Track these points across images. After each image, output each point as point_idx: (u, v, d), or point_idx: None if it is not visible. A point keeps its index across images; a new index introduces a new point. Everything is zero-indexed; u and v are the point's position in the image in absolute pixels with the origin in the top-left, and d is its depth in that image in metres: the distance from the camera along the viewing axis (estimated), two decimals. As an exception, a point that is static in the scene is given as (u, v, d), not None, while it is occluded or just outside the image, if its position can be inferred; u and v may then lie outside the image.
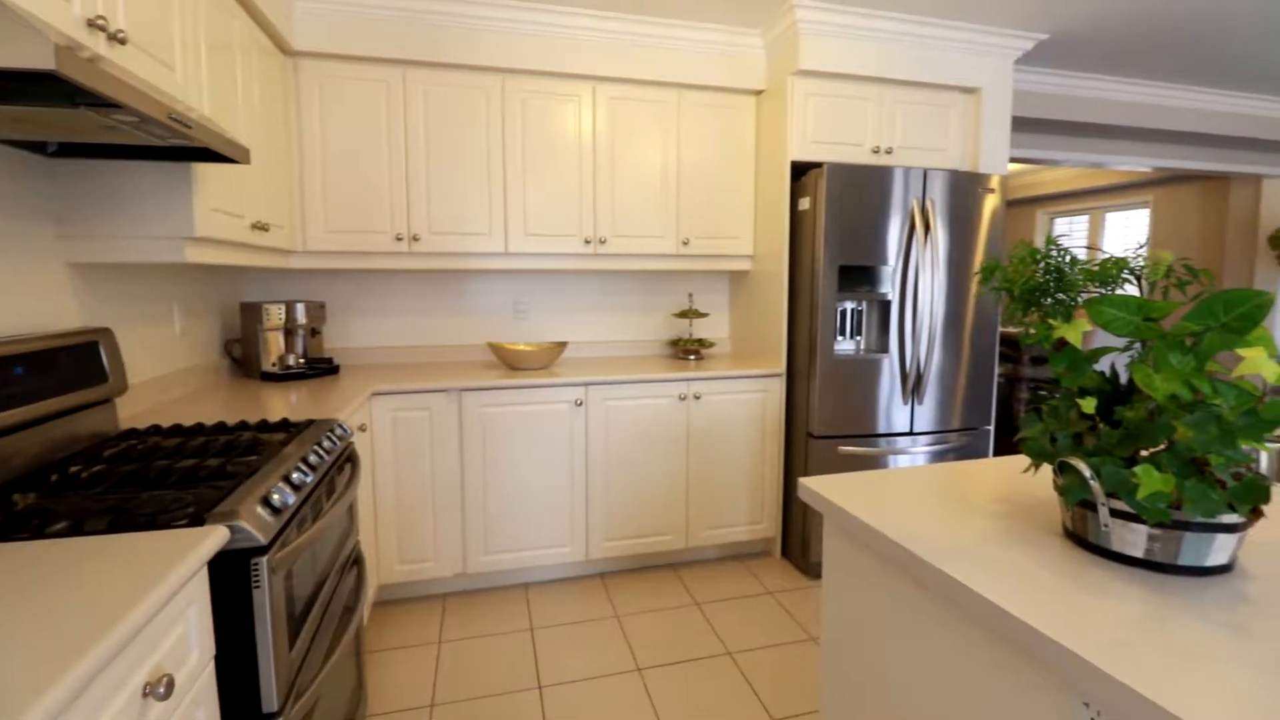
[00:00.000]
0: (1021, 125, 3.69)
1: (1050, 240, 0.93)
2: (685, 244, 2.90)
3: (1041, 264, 0.92)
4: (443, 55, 2.52)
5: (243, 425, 1.62)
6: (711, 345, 3.15)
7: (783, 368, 2.78)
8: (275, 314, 2.45)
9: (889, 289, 2.66)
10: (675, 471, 2.72)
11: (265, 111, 2.18)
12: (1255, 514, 0.78)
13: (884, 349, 2.69)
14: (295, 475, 1.25)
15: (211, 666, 0.97)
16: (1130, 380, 0.86)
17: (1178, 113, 3.82)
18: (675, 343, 3.18)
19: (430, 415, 2.42)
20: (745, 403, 2.78)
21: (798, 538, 2.78)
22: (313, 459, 1.39)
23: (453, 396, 2.43)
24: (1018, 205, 7.12)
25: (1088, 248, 0.91)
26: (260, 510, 1.07)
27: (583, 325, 3.19)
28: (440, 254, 2.66)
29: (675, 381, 2.67)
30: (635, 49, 2.71)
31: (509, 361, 2.73)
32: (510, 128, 2.65)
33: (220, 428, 1.59)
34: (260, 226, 2.03)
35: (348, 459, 1.69)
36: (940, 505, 1.09)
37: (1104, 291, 0.94)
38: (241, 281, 2.77)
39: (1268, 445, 0.76)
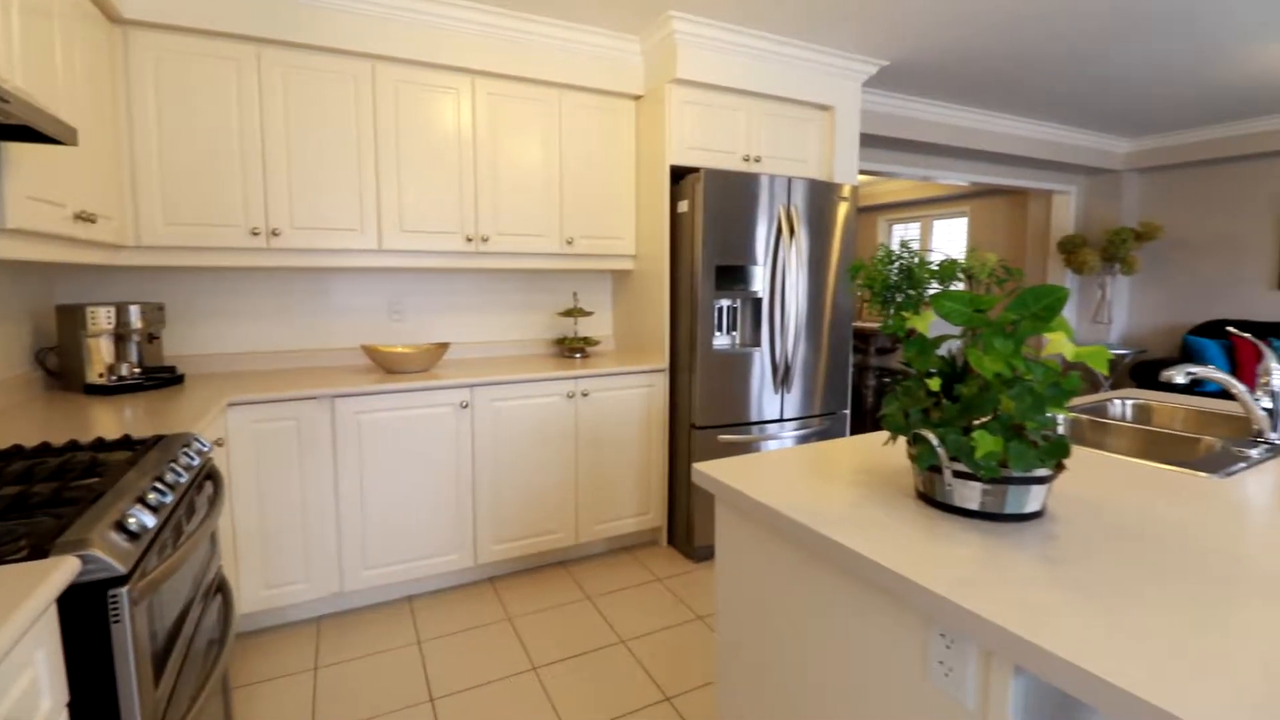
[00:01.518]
0: (868, 141, 4.11)
1: (904, 244, 1.07)
2: (569, 243, 2.92)
3: (895, 265, 1.06)
4: (303, 35, 2.35)
5: (74, 445, 1.42)
6: (597, 343, 3.20)
7: (666, 363, 2.90)
8: (102, 317, 2.15)
9: (760, 287, 2.86)
10: (565, 469, 2.74)
11: (90, 87, 1.91)
12: (1059, 467, 0.96)
13: (757, 343, 2.89)
14: (152, 496, 1.12)
15: (65, 716, 0.86)
16: (965, 362, 1.01)
17: (990, 135, 4.44)
18: (561, 341, 3.19)
19: (298, 425, 2.25)
20: (631, 398, 2.85)
21: (683, 525, 2.91)
22: (169, 477, 1.25)
23: (324, 403, 2.28)
24: (864, 212, 7.88)
25: (926, 251, 1.07)
26: (115, 536, 0.96)
27: (466, 325, 3.10)
28: (305, 250, 2.47)
29: (564, 380, 2.68)
30: (516, 45, 2.69)
31: (386, 365, 2.60)
32: (383, 118, 2.52)
33: (45, 449, 1.38)
34: (85, 217, 1.78)
35: (208, 476, 1.54)
36: (814, 479, 1.21)
37: (944, 288, 1.10)
38: (56, 281, 2.40)
39: (1069, 411, 0.94)
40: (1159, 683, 0.60)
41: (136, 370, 2.26)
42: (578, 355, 3.11)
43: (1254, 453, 1.36)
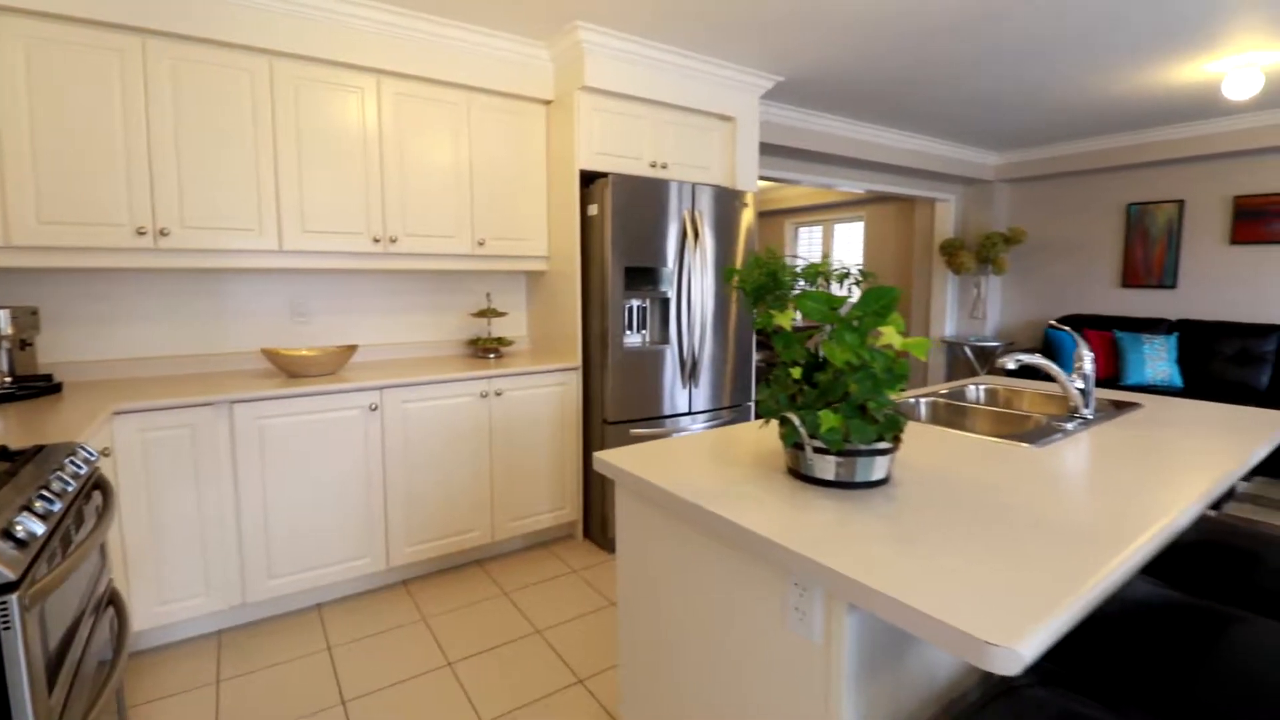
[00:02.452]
0: (770, 150, 4.36)
1: (770, 250, 1.22)
2: (481, 244, 2.95)
3: (763, 269, 1.20)
4: (193, 28, 2.26)
5: (-60, 456, 1.34)
6: (511, 343, 3.24)
7: (579, 361, 2.98)
8: (-36, 322, 2.00)
9: (668, 288, 3.00)
10: (479, 468, 2.77)
11: (-57, 72, 1.77)
12: (896, 441, 1.13)
13: (665, 341, 3.03)
14: (39, 504, 1.10)
15: (-53, 721, 0.84)
16: (822, 353, 1.17)
17: (881, 148, 4.82)
18: (474, 342, 3.21)
19: (193, 432, 2.17)
20: (546, 396, 2.92)
21: (598, 517, 3.01)
22: (56, 486, 1.22)
23: (221, 410, 2.21)
24: (770, 216, 8.28)
25: (790, 257, 1.20)
26: (2, 544, 0.94)
27: (375, 327, 3.06)
28: (197, 251, 2.38)
29: (477, 380, 2.72)
30: (424, 47, 2.69)
31: (289, 369, 2.54)
32: (283, 116, 2.47)
33: (-95, 460, 1.30)
34: (-56, 214, 1.66)
35: (95, 485, 1.49)
36: (701, 462, 1.34)
37: (808, 289, 1.26)
38: (-96, 281, 2.19)
39: (902, 393, 1.10)
40: (945, 603, 0.76)
41: (7, 380, 2.11)
42: (491, 355, 3.14)
43: (1069, 426, 1.62)
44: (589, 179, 2.96)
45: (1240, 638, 1.17)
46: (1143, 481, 1.23)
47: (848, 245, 7.65)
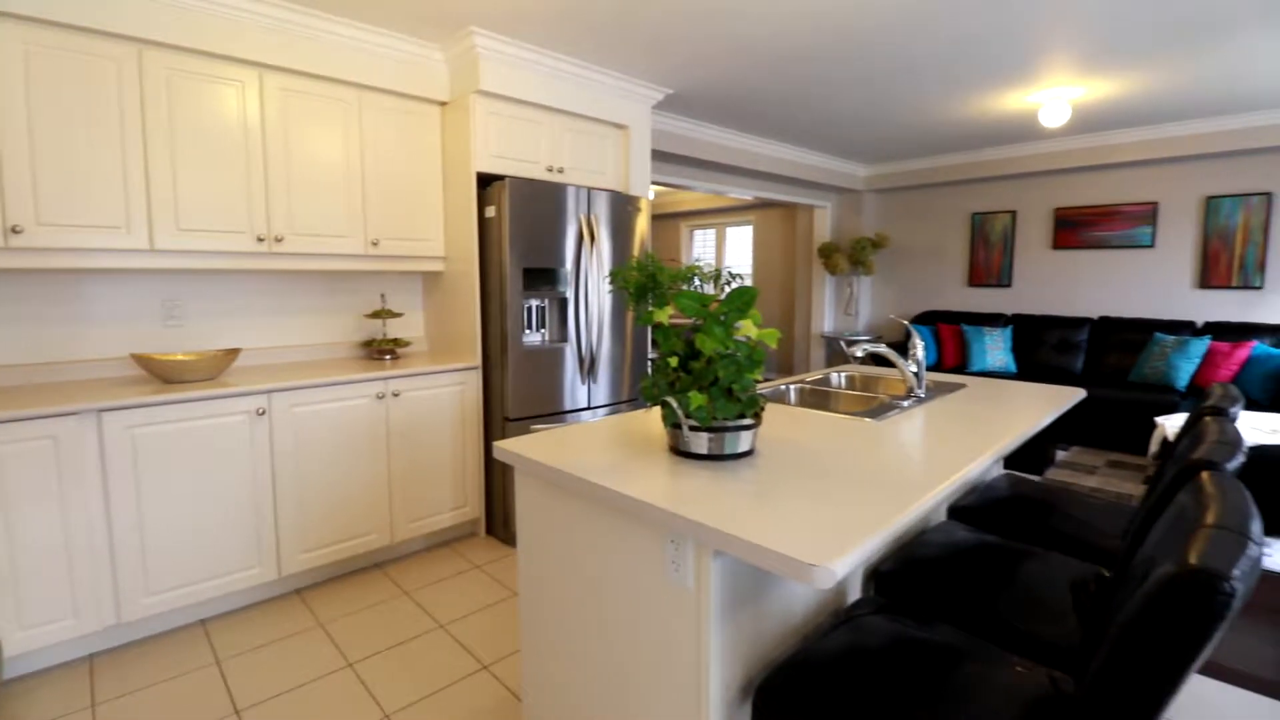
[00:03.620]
0: (663, 157, 4.58)
1: (649, 254, 1.37)
2: (375, 244, 2.93)
3: (643, 271, 1.35)
4: (50, 11, 2.10)
5: None
6: (408, 344, 3.22)
7: (478, 361, 3.03)
8: None
9: (566, 288, 3.11)
10: (377, 470, 2.75)
11: None
12: (758, 416, 1.32)
13: (564, 339, 3.14)
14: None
15: None
16: (695, 344, 1.33)
17: (765, 158, 5.18)
18: (369, 343, 3.16)
19: (56, 444, 2.02)
20: (445, 396, 2.94)
21: (500, 513, 3.07)
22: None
23: (88, 419, 2.08)
24: (667, 219, 8.59)
25: (668, 260, 1.36)
26: None
27: (261, 330, 2.95)
28: (56, 250, 2.21)
29: (372, 381, 2.70)
30: (308, 42, 2.64)
31: (163, 374, 2.41)
32: (153, 108, 2.34)
33: None
34: None
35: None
36: (596, 445, 1.47)
37: (685, 288, 1.42)
38: None
39: (761, 377, 1.29)
40: (783, 539, 0.94)
41: None
42: (388, 357, 3.11)
43: (905, 404, 1.90)
44: (486, 181, 3.01)
45: (1033, 567, 1.46)
46: (951, 444, 1.50)
47: (739, 247, 8.10)
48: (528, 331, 3.07)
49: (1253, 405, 3.87)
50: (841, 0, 2.54)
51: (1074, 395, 2.15)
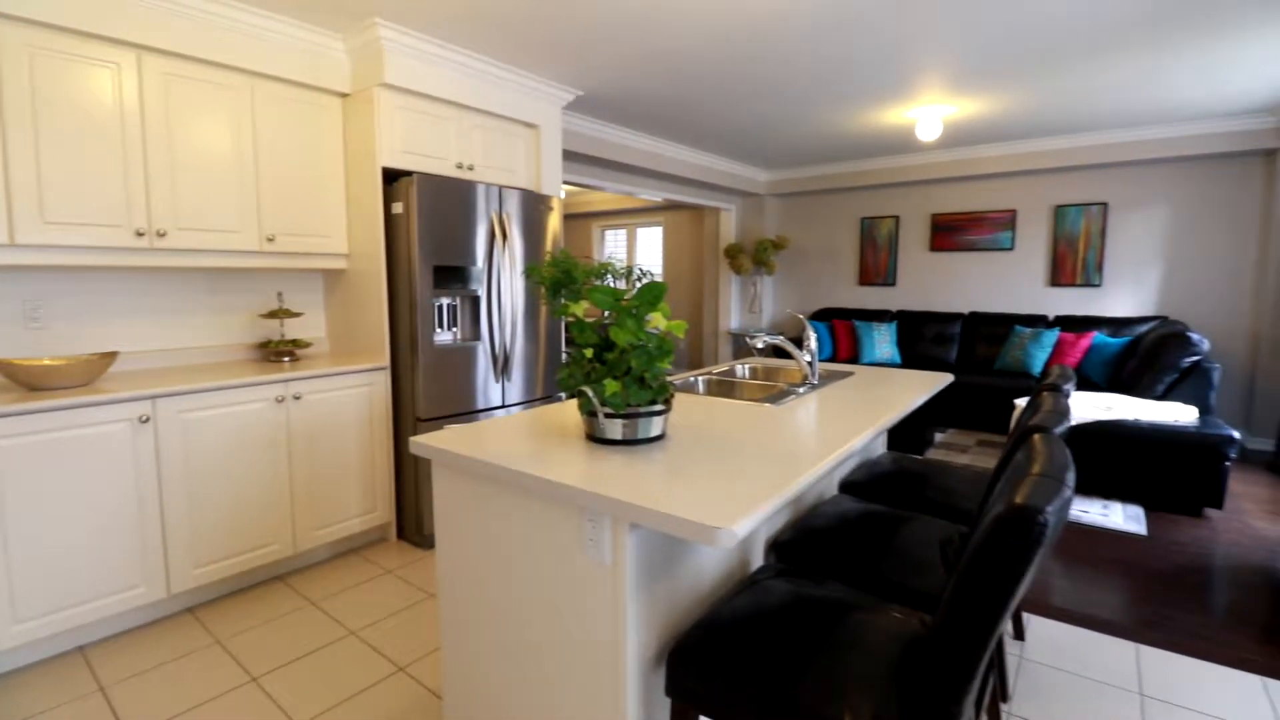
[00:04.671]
0: (575, 157, 4.62)
1: (564, 252, 1.43)
2: (271, 240, 2.79)
3: (558, 267, 1.41)
4: None
5: None
6: (308, 345, 3.08)
7: (387, 361, 2.96)
8: None
9: (478, 286, 3.10)
10: (277, 477, 2.63)
11: None
12: (668, 403, 1.41)
13: (477, 338, 3.13)
14: None
15: None
16: (609, 336, 1.41)
17: (673, 161, 5.34)
18: (266, 345, 3.00)
19: (-108, 459, 1.80)
20: (351, 398, 2.85)
21: (412, 516, 3.01)
22: None
23: (-67, 430, 1.86)
24: (579, 218, 8.63)
25: (583, 258, 1.42)
26: None
27: (143, 332, 2.73)
28: (-113, 241, 1.96)
29: (270, 384, 2.57)
30: (195, 24, 2.47)
31: (28, 381, 2.19)
32: (13, 90, 2.11)
33: None
34: None
35: None
36: (514, 436, 1.52)
37: (598, 283, 1.49)
38: None
39: (670, 366, 1.39)
40: (690, 508, 1.03)
41: None
42: (287, 359, 2.97)
43: (800, 390, 2.07)
44: (393, 177, 2.95)
45: (909, 530, 1.64)
46: (838, 423, 1.66)
47: (649, 247, 8.27)
48: (439, 330, 3.03)
49: (1093, 386, 4.45)
50: (734, 17, 2.70)
51: (943, 379, 2.42)
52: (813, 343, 2.18)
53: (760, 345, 2.10)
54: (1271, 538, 3.08)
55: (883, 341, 5.54)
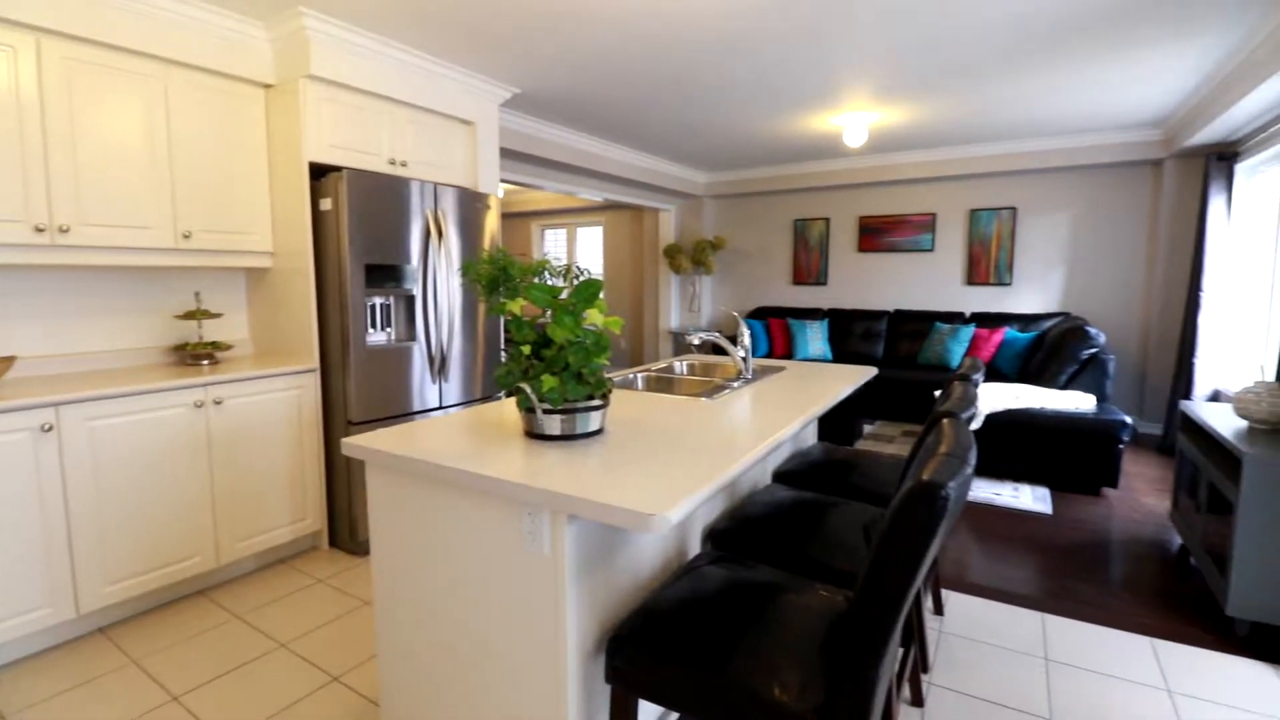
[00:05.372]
0: (514, 156, 4.58)
1: (500, 249, 1.43)
2: (187, 237, 2.64)
3: (494, 265, 1.41)
4: None
5: None
6: (230, 347, 2.94)
7: (316, 363, 2.85)
8: None
9: (413, 285, 3.04)
10: (198, 487, 2.50)
11: None
12: (605, 398, 1.44)
13: (413, 338, 3.06)
14: None
15: None
16: (547, 333, 1.42)
17: (612, 161, 5.37)
18: (183, 347, 2.84)
19: None
20: (278, 401, 2.74)
21: (345, 523, 2.92)
22: None
23: None
24: (518, 217, 8.54)
25: (519, 255, 1.43)
26: None
27: (45, 335, 2.53)
28: None
29: (188, 389, 2.44)
30: (102, 7, 2.31)
31: (-93, 386, 2.01)
32: (-123, 66, 1.93)
33: None
34: None
35: None
36: (452, 435, 1.51)
37: (536, 281, 1.51)
38: None
39: (608, 361, 1.41)
40: (627, 497, 1.06)
41: None
42: (206, 362, 2.82)
43: (735, 384, 2.14)
44: (321, 172, 2.85)
45: (837, 515, 1.73)
46: (770, 414, 1.73)
47: (590, 247, 8.27)
48: (372, 331, 2.95)
49: (1005, 378, 4.77)
50: (670, 20, 2.76)
51: (866, 373, 2.55)
52: (746, 339, 2.26)
53: (696, 342, 2.16)
54: (1160, 513, 3.39)
55: (815, 339, 5.75)
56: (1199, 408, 2.75)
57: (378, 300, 2.98)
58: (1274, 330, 3.86)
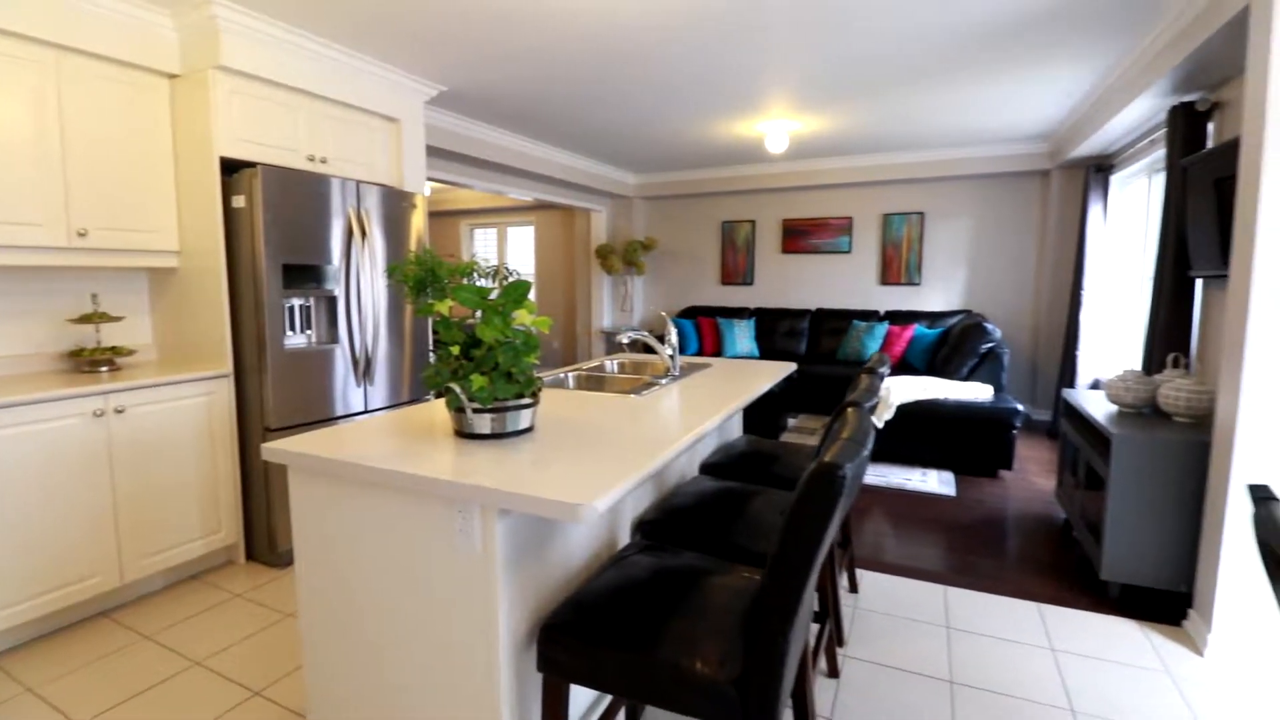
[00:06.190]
0: (441, 154, 4.50)
1: (428, 250, 1.44)
2: (83, 235, 2.47)
3: (421, 265, 1.42)
4: None
5: None
6: (131, 353, 2.76)
7: (229, 368, 2.73)
8: None
9: (335, 286, 2.95)
10: (99, 501, 2.34)
11: None
12: (535, 396, 1.47)
13: (335, 340, 2.97)
14: None
15: None
16: (476, 334, 1.44)
17: (543, 161, 5.36)
18: (78, 353, 2.65)
19: None
20: (187, 409, 2.61)
21: (263, 534, 2.81)
22: None
23: None
24: (446, 216, 8.36)
25: (447, 256, 1.44)
26: None
27: (-93, 338, 2.31)
28: None
29: (85, 397, 2.29)
30: (-31, -15, 2.14)
31: None
32: None
33: None
34: None
35: None
36: (379, 437, 1.50)
37: (465, 282, 1.52)
38: None
39: (537, 360, 1.45)
40: (556, 489, 1.10)
41: None
42: (105, 368, 2.65)
43: (663, 381, 2.22)
44: (234, 167, 2.72)
45: (759, 502, 1.83)
46: (695, 409, 1.82)
47: (521, 247, 8.20)
48: (290, 333, 2.85)
49: (915, 371, 5.10)
50: (596, 20, 2.81)
51: (786, 369, 2.70)
52: (673, 338, 2.34)
53: (625, 341, 2.21)
54: (1048, 491, 3.73)
55: (743, 337, 5.95)
56: (1079, 395, 3.05)
57: (297, 301, 2.88)
58: (1143, 324, 4.31)
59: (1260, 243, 1.95)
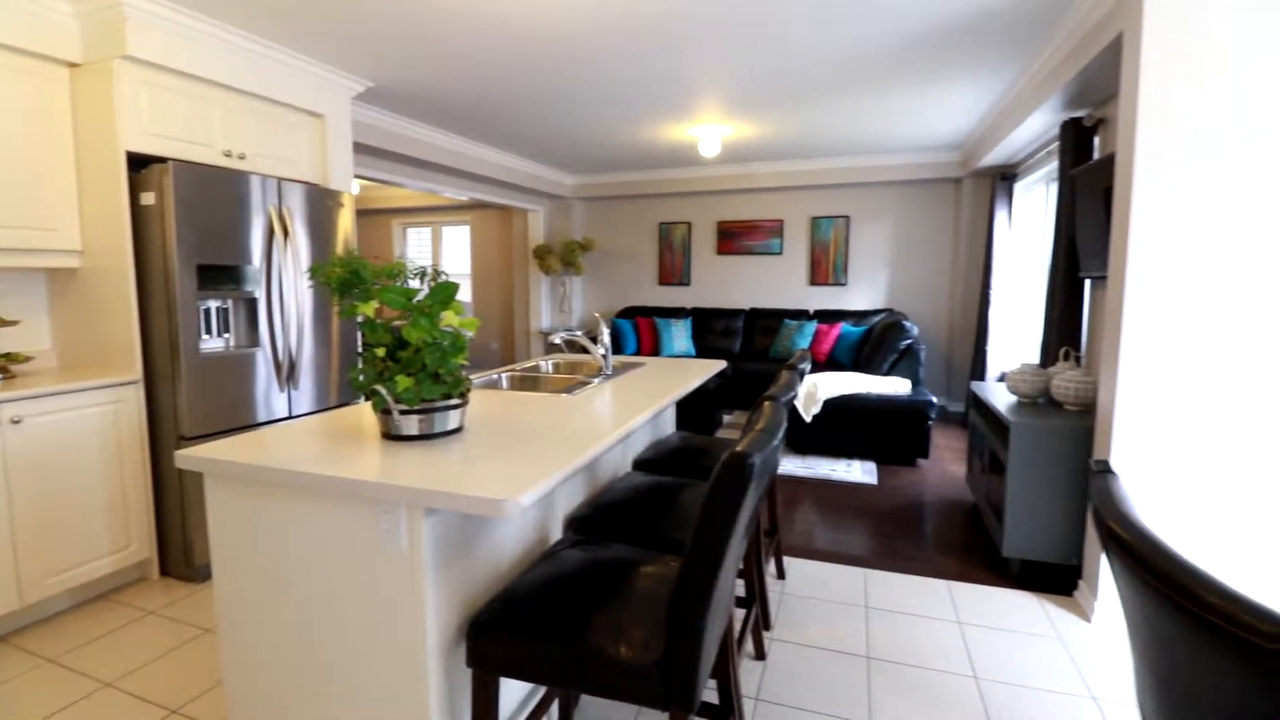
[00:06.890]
0: (371, 151, 4.39)
1: (351, 252, 1.43)
2: (-33, 233, 2.29)
3: (346, 267, 1.41)
4: None
5: None
6: (28, 359, 2.58)
7: (138, 374, 2.59)
8: None
9: (255, 287, 2.84)
10: (-8, 518, 2.19)
11: None
12: (464, 396, 1.49)
13: (256, 343, 2.86)
14: None
15: None
16: (402, 335, 1.45)
17: (477, 160, 5.29)
18: (-36, 360, 2.45)
19: None
20: (91, 418, 2.46)
21: (178, 549, 2.68)
22: None
23: None
24: (376, 215, 8.12)
25: (371, 258, 1.43)
26: None
27: None
28: None
29: (-25, 406, 2.13)
30: None
31: None
32: None
33: None
34: None
35: None
36: (302, 441, 1.48)
37: (393, 283, 1.52)
38: None
39: (465, 360, 1.47)
40: (483, 486, 1.13)
41: None
42: (0, 376, 2.47)
43: (596, 381, 2.26)
44: (142, 163, 2.58)
45: (688, 494, 1.89)
46: (625, 407, 1.87)
47: (457, 247, 8.06)
48: (206, 337, 2.73)
49: (842, 367, 5.33)
50: (523, 26, 2.82)
51: (716, 366, 2.79)
52: (606, 338, 2.39)
53: (558, 341, 2.24)
54: (960, 477, 3.99)
55: (680, 336, 6.06)
56: (985, 387, 3.29)
57: (213, 304, 2.75)
58: (1039, 321, 4.67)
59: (1133, 247, 2.17)
